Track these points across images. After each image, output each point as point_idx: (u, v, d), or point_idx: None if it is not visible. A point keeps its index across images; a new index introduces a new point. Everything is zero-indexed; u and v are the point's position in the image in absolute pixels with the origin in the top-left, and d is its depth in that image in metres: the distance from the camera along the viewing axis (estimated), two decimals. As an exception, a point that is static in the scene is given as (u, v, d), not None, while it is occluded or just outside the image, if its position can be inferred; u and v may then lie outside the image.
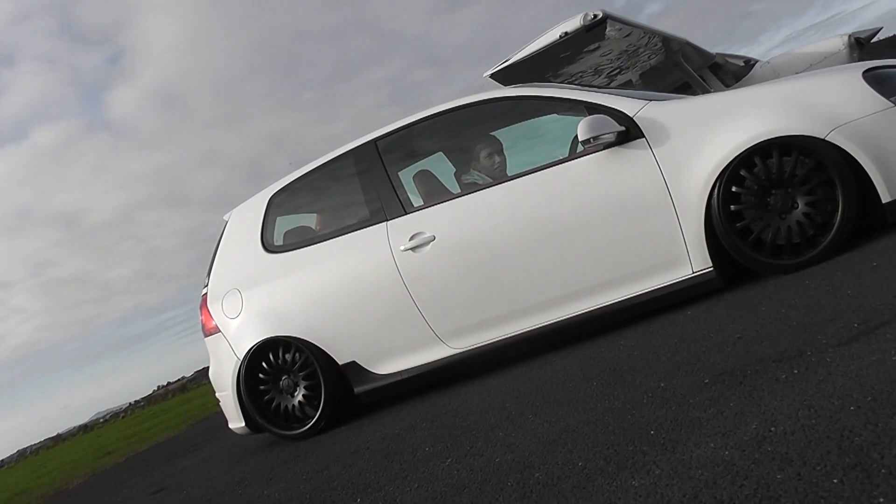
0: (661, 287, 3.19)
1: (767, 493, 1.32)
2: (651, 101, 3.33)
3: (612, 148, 3.22)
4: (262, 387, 3.97)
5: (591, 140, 3.17)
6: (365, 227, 3.80)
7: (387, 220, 3.72)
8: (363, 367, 3.81)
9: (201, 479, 4.12)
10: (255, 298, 4.03)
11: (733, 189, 3.02)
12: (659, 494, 1.49)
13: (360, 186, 3.92)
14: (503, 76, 7.45)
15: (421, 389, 3.85)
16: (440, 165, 4.16)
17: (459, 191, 3.76)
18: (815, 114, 2.95)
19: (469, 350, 3.59)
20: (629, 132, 3.20)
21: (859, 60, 8.10)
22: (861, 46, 8.86)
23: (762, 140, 2.96)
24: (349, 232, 3.87)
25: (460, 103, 3.75)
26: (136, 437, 12.50)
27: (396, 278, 3.62)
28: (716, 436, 1.67)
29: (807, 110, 2.97)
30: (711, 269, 3.11)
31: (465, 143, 4.04)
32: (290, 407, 3.93)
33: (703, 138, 3.09)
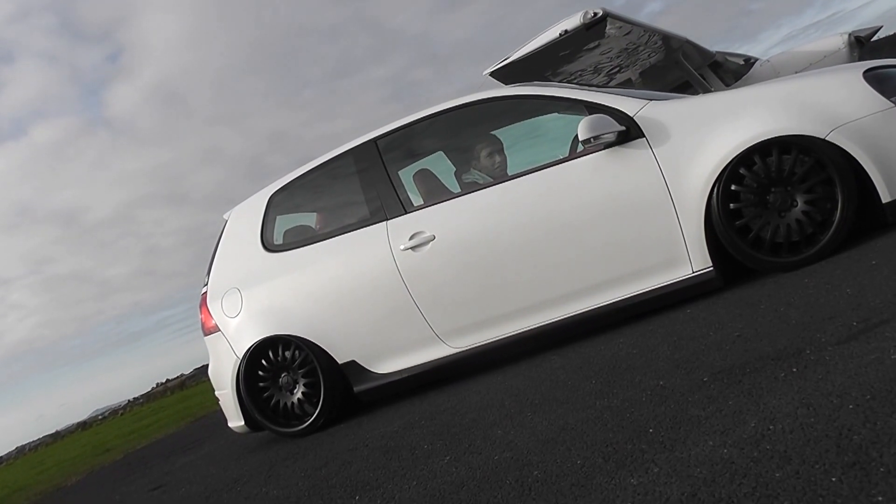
0: (661, 287, 3.19)
1: (766, 491, 1.32)
2: (651, 100, 3.33)
3: (613, 147, 3.22)
4: (261, 384, 3.97)
5: (592, 140, 3.17)
6: (365, 226, 3.80)
7: (387, 219, 3.72)
8: (362, 367, 3.81)
9: (200, 477, 4.12)
10: (255, 297, 4.03)
11: (733, 187, 3.03)
12: (657, 492, 1.49)
13: (360, 186, 3.92)
14: (503, 74, 7.45)
15: (419, 387, 3.85)
16: (440, 165, 4.16)
17: (459, 190, 3.76)
18: (816, 113, 2.95)
19: (469, 349, 3.59)
20: (629, 132, 3.20)
21: (859, 59, 8.11)
22: (861, 45, 8.86)
23: (762, 140, 2.97)
24: (349, 231, 3.87)
25: (460, 102, 3.75)
26: (135, 434, 12.50)
27: (396, 278, 3.62)
28: (714, 434, 1.67)
29: (807, 110, 2.97)
30: (711, 268, 3.11)
31: (465, 143, 4.03)
32: (289, 404, 3.94)
33: (703, 138, 3.09)
